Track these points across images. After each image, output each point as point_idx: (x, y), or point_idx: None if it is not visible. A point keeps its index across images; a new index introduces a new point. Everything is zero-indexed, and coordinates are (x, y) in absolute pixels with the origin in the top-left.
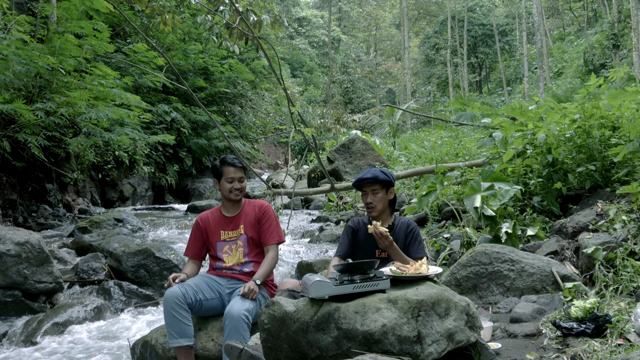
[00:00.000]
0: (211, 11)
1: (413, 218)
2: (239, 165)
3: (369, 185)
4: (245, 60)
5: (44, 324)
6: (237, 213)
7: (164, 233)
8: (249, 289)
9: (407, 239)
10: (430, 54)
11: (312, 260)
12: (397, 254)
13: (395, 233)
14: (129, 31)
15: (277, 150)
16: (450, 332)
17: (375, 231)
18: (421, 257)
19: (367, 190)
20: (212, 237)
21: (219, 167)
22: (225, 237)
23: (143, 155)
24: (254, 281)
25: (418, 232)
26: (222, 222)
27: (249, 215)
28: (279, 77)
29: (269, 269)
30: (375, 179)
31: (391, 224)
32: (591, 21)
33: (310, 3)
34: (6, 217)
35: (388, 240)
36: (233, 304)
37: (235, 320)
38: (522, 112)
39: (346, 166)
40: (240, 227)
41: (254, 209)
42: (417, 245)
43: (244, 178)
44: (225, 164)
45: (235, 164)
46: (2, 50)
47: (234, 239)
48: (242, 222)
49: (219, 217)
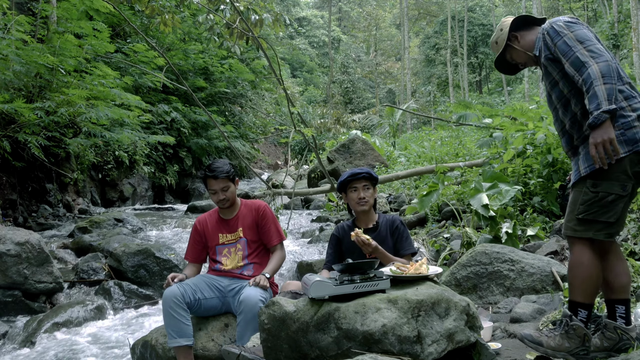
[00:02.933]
0: (211, 11)
1: (413, 218)
2: (220, 176)
3: (362, 181)
4: (245, 60)
5: (44, 324)
6: (234, 215)
7: (164, 233)
8: (260, 279)
9: (393, 236)
10: (430, 54)
11: (312, 260)
12: (385, 257)
13: (380, 231)
14: (129, 31)
15: (277, 150)
16: (450, 332)
17: (357, 239)
18: (411, 253)
19: (358, 186)
20: (210, 241)
21: (203, 178)
22: (224, 240)
23: (143, 155)
24: (264, 274)
25: (404, 228)
26: (220, 225)
27: (247, 217)
28: (279, 77)
29: (277, 266)
30: (369, 174)
31: (376, 223)
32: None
33: (310, 3)
34: (6, 217)
35: (371, 246)
36: (248, 290)
37: (253, 303)
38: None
39: (346, 166)
40: (238, 230)
41: (251, 211)
42: (405, 241)
43: (228, 187)
44: (206, 176)
45: (216, 175)
46: (2, 50)
47: (232, 241)
48: (240, 225)
49: (217, 219)
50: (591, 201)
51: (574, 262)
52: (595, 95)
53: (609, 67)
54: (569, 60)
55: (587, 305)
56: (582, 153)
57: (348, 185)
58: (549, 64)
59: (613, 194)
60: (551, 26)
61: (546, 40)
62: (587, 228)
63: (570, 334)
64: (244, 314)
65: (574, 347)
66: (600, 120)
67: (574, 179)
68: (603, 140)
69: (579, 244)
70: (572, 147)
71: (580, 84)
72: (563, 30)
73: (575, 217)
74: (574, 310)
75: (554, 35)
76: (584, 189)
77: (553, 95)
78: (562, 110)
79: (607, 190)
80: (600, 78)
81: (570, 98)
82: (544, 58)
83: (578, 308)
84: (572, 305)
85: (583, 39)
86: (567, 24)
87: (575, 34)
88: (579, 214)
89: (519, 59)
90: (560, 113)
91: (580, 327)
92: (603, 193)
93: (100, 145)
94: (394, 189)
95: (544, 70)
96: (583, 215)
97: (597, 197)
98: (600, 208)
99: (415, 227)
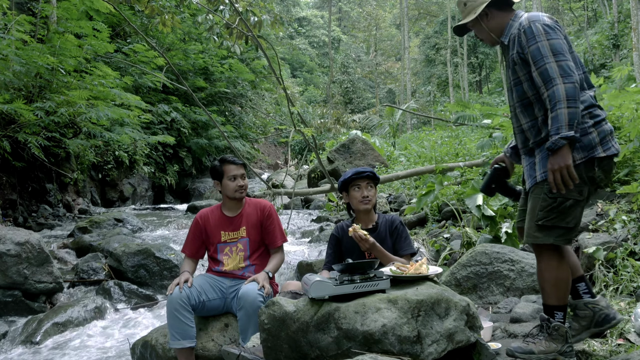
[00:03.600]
0: (211, 11)
1: (413, 218)
2: (239, 162)
3: (365, 179)
4: (245, 60)
5: (44, 324)
6: (239, 213)
7: (164, 233)
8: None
9: (392, 236)
10: (430, 54)
11: (312, 260)
12: (382, 255)
13: (379, 231)
14: (129, 31)
15: (277, 150)
16: (450, 332)
17: (355, 235)
18: (409, 253)
19: (361, 184)
20: (212, 237)
21: (219, 166)
22: (225, 238)
23: (143, 155)
24: (266, 272)
25: (403, 228)
26: (223, 222)
27: (251, 215)
28: (278, 77)
29: (277, 266)
30: (372, 174)
31: (375, 223)
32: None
33: (310, 3)
34: (6, 217)
35: (369, 242)
36: (245, 286)
37: (252, 297)
38: None
39: (346, 166)
40: (241, 229)
41: (256, 210)
42: (404, 241)
43: (245, 175)
44: (225, 162)
45: (235, 162)
46: (2, 50)
47: (234, 240)
48: (243, 223)
49: (220, 216)
50: (550, 207)
51: (544, 268)
52: (557, 118)
53: (574, 89)
54: (539, 69)
55: (562, 307)
56: (538, 157)
57: (351, 184)
58: (519, 62)
59: (571, 199)
60: (529, 25)
61: (521, 38)
62: (547, 234)
63: (553, 335)
64: (245, 309)
65: (561, 347)
66: (558, 145)
67: (531, 183)
68: (560, 167)
69: (544, 251)
70: (527, 147)
71: (545, 98)
72: (540, 35)
73: (534, 224)
74: (550, 314)
75: (529, 37)
76: (542, 195)
77: (514, 93)
78: (521, 110)
79: (565, 196)
80: (564, 100)
81: (534, 102)
82: (515, 54)
83: (554, 311)
84: (548, 308)
85: (557, 51)
86: (546, 29)
87: (550, 43)
88: (538, 220)
89: (479, 34)
90: (518, 111)
91: (562, 327)
92: (561, 198)
93: (100, 145)
94: (394, 189)
95: (511, 65)
96: (543, 221)
97: (556, 202)
98: (559, 214)
99: (415, 227)
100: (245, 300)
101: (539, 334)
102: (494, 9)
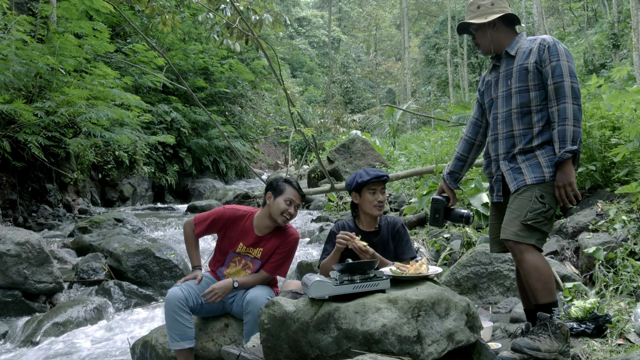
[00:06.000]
0: (211, 10)
1: (413, 218)
2: (302, 193)
3: (381, 184)
4: (245, 60)
5: (44, 324)
6: (266, 234)
7: (164, 233)
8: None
9: (394, 239)
10: (431, 54)
11: (312, 260)
12: (383, 263)
13: (382, 234)
14: (129, 31)
15: (277, 150)
16: (450, 332)
17: (354, 246)
18: (411, 257)
19: (377, 188)
20: (228, 241)
21: (282, 184)
22: (240, 250)
23: (143, 155)
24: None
25: (405, 231)
26: (248, 234)
27: (273, 241)
28: (279, 77)
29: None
30: (388, 178)
31: (378, 226)
32: (591, 21)
33: (310, 3)
34: (6, 217)
35: (369, 253)
36: (255, 290)
37: (260, 303)
38: None
39: (346, 166)
40: (257, 249)
41: (280, 236)
42: (405, 245)
43: (298, 207)
44: (291, 185)
45: (300, 190)
46: (2, 50)
47: (247, 255)
48: (263, 245)
49: (248, 227)
50: (539, 211)
51: (531, 267)
52: (564, 133)
53: (580, 112)
54: (555, 84)
55: (556, 302)
56: (524, 164)
57: (367, 186)
58: (534, 71)
59: (553, 208)
60: (554, 44)
61: (543, 51)
62: (530, 235)
63: (557, 333)
64: (252, 314)
65: (562, 346)
66: (564, 158)
67: (518, 185)
68: (564, 185)
69: (526, 250)
70: (510, 153)
71: (553, 110)
72: (562, 55)
73: (520, 223)
74: (548, 311)
75: (553, 53)
76: (533, 198)
77: (515, 99)
78: (518, 116)
79: (550, 204)
80: (572, 119)
81: (535, 112)
82: (532, 64)
83: (551, 308)
84: (544, 307)
85: (573, 73)
86: (567, 52)
87: (569, 65)
88: (526, 220)
89: (479, 40)
90: (514, 117)
91: (564, 325)
92: (548, 206)
93: (100, 145)
94: (394, 189)
95: (518, 73)
96: (531, 222)
97: (545, 208)
98: (545, 219)
99: (415, 227)
100: (253, 305)
101: (542, 333)
102: (503, 23)
